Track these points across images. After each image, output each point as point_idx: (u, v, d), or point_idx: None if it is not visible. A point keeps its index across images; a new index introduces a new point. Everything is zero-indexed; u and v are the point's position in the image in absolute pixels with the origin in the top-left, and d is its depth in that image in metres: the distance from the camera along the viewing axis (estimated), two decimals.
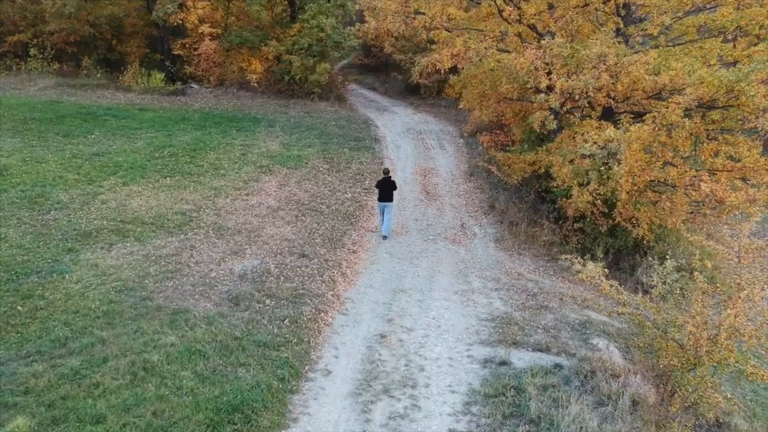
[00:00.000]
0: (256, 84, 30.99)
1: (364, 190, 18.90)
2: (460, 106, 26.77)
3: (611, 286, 8.89)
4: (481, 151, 22.43)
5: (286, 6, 33.02)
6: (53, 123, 22.80)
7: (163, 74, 31.02)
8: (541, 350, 10.58)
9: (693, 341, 7.33)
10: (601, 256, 13.90)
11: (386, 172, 16.14)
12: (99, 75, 31.30)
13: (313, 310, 11.30)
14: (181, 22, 31.74)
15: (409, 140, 25.46)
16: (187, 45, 32.69)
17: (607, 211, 13.75)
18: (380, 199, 15.64)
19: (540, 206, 16.02)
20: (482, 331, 11.17)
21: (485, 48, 12.85)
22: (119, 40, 34.11)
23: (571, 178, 12.70)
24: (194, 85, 32.19)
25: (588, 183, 12.10)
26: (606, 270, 9.27)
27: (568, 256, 9.87)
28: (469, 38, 13.74)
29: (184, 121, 24.89)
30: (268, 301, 11.40)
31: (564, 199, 14.49)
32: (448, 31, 15.68)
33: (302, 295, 11.80)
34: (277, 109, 28.95)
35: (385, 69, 41.20)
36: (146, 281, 11.86)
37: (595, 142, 11.27)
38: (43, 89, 28.79)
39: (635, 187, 12.88)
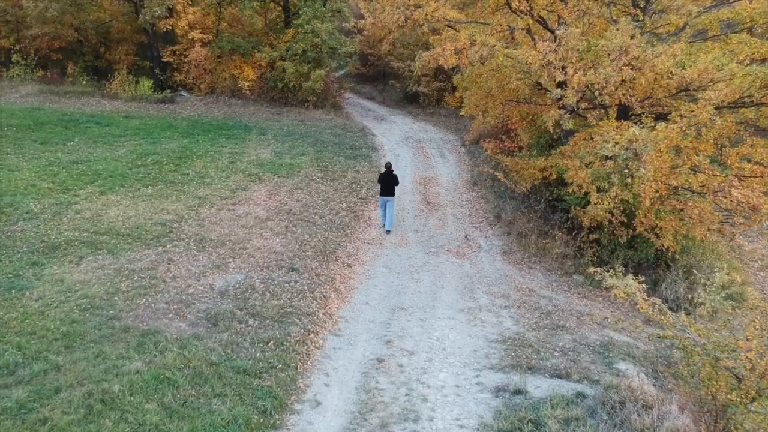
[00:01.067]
0: (248, 92, 29.93)
1: (361, 200, 17.78)
2: (462, 113, 25.66)
3: (653, 305, 7.69)
4: (484, 159, 21.34)
5: (280, 12, 32.08)
6: (31, 130, 21.69)
7: (152, 81, 29.94)
8: (560, 376, 9.40)
9: (756, 370, 6.17)
10: (621, 270, 12.71)
11: (388, 166, 16.12)
12: (84, 82, 30.23)
13: (302, 330, 10.12)
14: (170, 28, 30.75)
15: (407, 149, 24.39)
16: (177, 52, 31.65)
17: (626, 220, 12.62)
18: (382, 194, 15.79)
19: (551, 216, 14.89)
20: (492, 355, 9.99)
21: (493, 42, 11.78)
22: (107, 47, 33.15)
23: (590, 182, 11.59)
24: (184, 93, 31.17)
25: (609, 188, 10.98)
26: (644, 284, 8.09)
27: (597, 269, 8.74)
28: (475, 32, 12.68)
29: (171, 129, 23.80)
30: (251, 321, 10.22)
31: (578, 208, 13.38)
32: (452, 27, 14.63)
33: (290, 313, 10.62)
34: (269, 116, 27.89)
35: (383, 78, 40.23)
36: (116, 298, 10.68)
37: (616, 143, 10.18)
38: (25, 96, 27.70)
39: (657, 194, 11.76)
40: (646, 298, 7.60)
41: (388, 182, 15.71)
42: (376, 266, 13.62)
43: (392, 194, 15.73)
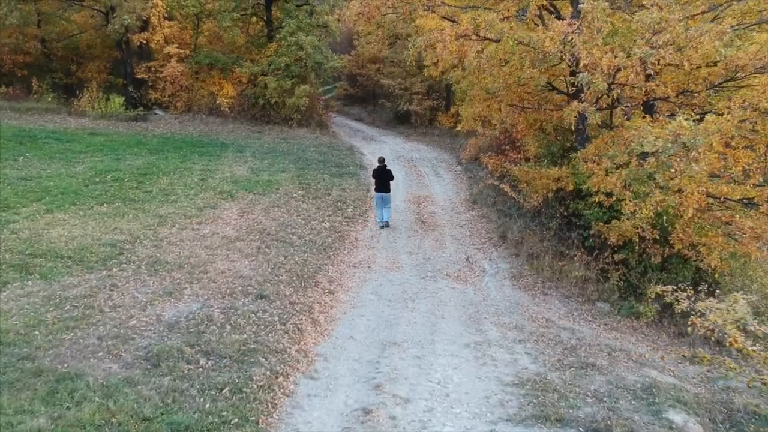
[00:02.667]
0: (227, 109, 28.13)
1: (347, 219, 15.85)
2: (458, 129, 24.10)
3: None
4: (483, 176, 19.47)
5: (262, 26, 30.48)
6: None
7: (123, 99, 28.09)
8: (598, 430, 7.37)
9: None
10: (653, 296, 10.80)
11: (381, 161, 16.14)
12: (50, 99, 28.30)
13: (268, 372, 8.07)
14: (145, 42, 29.08)
15: (399, 167, 22.56)
16: (152, 68, 29.83)
17: (658, 236, 10.73)
18: (377, 190, 15.64)
19: (567, 234, 12.99)
20: (509, 402, 7.97)
21: (499, 25, 10.04)
22: (78, 64, 31.33)
23: (622, 187, 9.72)
24: (159, 112, 29.32)
25: (648, 193, 9.10)
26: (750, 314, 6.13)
27: (665, 288, 6.82)
28: (479, 15, 10.93)
29: (139, 146, 21.88)
30: (202, 361, 8.16)
31: (600, 224, 11.50)
32: (449, 20, 12.91)
33: (254, 351, 8.57)
34: (249, 135, 26.05)
35: (373, 99, 38.66)
36: (36, 332, 8.60)
37: (657, 137, 8.34)
38: None
39: (698, 204, 9.89)
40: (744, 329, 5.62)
41: (382, 177, 15.52)
42: (363, 293, 11.62)
43: (387, 190, 15.54)
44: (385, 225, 15.64)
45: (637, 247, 11.21)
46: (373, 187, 19.45)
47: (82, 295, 9.94)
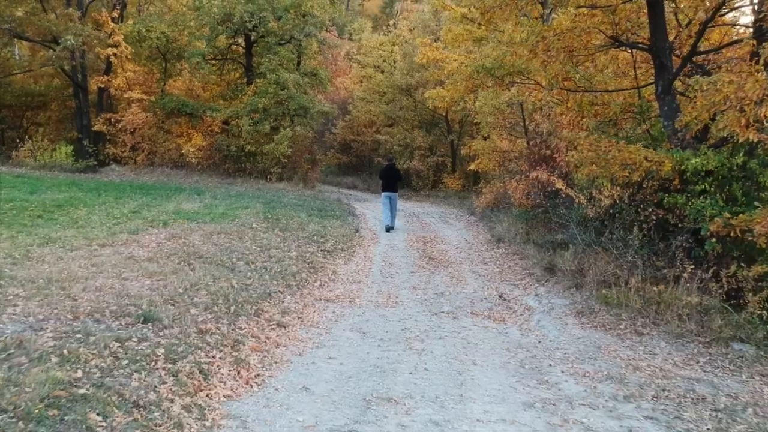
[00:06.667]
0: (194, 161, 24.29)
1: (324, 252, 11.53)
2: (470, 168, 20.49)
3: None
4: (507, 218, 15.15)
5: (241, 73, 27.22)
6: None
7: (71, 148, 24.39)
8: None
9: None
10: None
11: (390, 159, 16.27)
12: None
13: None
14: (103, 86, 25.80)
15: (398, 217, 18.32)
16: (112, 120, 26.34)
17: None
18: (384, 189, 15.35)
19: (659, 245, 8.51)
20: None
21: None
22: (24, 110, 27.91)
23: None
24: (116, 167, 25.40)
25: None
26: None
27: None
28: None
29: (70, 186, 17.81)
30: None
31: (720, 221, 7.20)
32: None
33: (81, 401, 4.07)
34: (216, 185, 21.91)
35: (368, 166, 35.06)
36: None
37: None
38: None
39: None
40: None
41: (389, 176, 15.33)
42: (337, 330, 7.14)
43: (395, 189, 15.34)
44: (390, 228, 15.13)
45: None
46: (362, 229, 15.41)
47: None
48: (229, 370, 5.34)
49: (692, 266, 7.70)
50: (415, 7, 45.90)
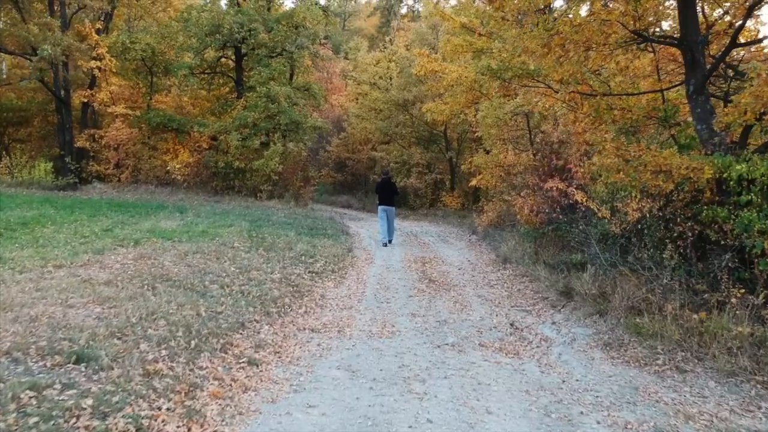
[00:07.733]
0: (180, 178, 23.19)
1: (312, 274, 10.39)
2: (472, 184, 19.38)
3: None
4: (512, 237, 14.05)
5: (231, 88, 26.24)
6: None
7: (51, 164, 23.27)
8: None
9: None
10: None
11: (386, 173, 16.09)
12: None
13: None
14: (86, 101, 24.78)
15: (395, 236, 17.20)
16: (95, 137, 25.28)
17: None
18: (381, 203, 15.18)
19: (697, 265, 7.38)
20: None
21: None
22: (15, 130, 26.89)
23: None
24: (98, 185, 24.27)
25: None
26: None
27: None
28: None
29: (43, 203, 16.68)
30: None
31: None
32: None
33: None
34: (202, 202, 20.83)
35: (363, 185, 33.98)
36: None
37: None
38: None
39: None
40: None
41: (386, 190, 15.21)
42: (320, 368, 5.97)
43: (392, 204, 15.13)
44: (387, 244, 15.00)
45: None
46: (356, 248, 14.30)
47: None
48: (177, 426, 4.17)
49: (742, 290, 6.56)
50: (412, 25, 45.36)
